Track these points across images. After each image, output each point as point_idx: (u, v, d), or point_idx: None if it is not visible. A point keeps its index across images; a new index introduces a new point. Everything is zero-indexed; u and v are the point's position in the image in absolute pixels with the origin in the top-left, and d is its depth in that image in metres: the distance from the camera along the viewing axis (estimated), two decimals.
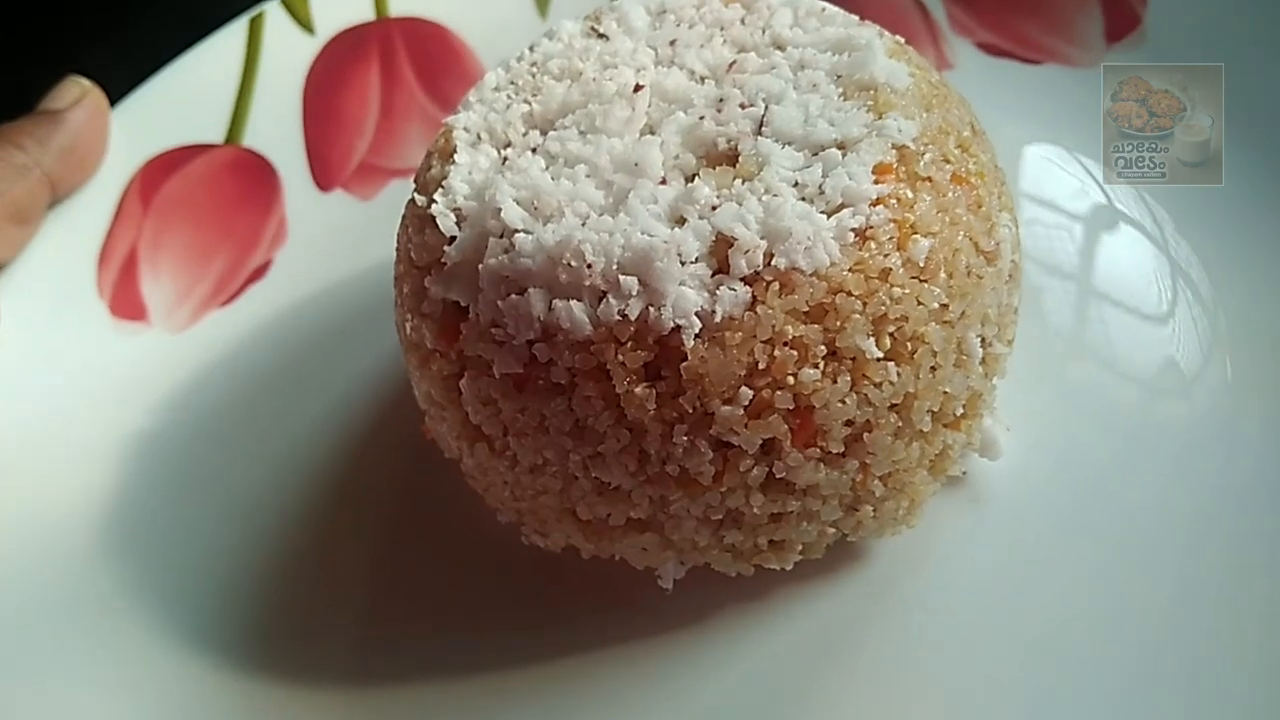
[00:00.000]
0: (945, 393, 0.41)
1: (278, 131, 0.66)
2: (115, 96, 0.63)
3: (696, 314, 0.38)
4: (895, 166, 0.40)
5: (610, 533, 0.43)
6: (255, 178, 0.65)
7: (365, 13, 0.70)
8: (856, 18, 0.48)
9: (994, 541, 0.47)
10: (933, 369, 0.40)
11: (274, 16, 0.68)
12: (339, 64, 0.69)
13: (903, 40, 0.48)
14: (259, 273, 0.62)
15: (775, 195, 0.39)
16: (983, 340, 0.42)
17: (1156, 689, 0.43)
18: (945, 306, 0.40)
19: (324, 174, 0.66)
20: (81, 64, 0.64)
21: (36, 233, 0.59)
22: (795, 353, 0.38)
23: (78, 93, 0.61)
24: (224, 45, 0.67)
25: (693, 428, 0.39)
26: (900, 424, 0.41)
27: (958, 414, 0.43)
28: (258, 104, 0.67)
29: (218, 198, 0.64)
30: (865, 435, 0.40)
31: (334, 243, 0.63)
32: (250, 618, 0.50)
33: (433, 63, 0.70)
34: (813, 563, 0.45)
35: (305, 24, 0.69)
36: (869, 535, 0.45)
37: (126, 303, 0.60)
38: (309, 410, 0.56)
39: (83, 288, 0.59)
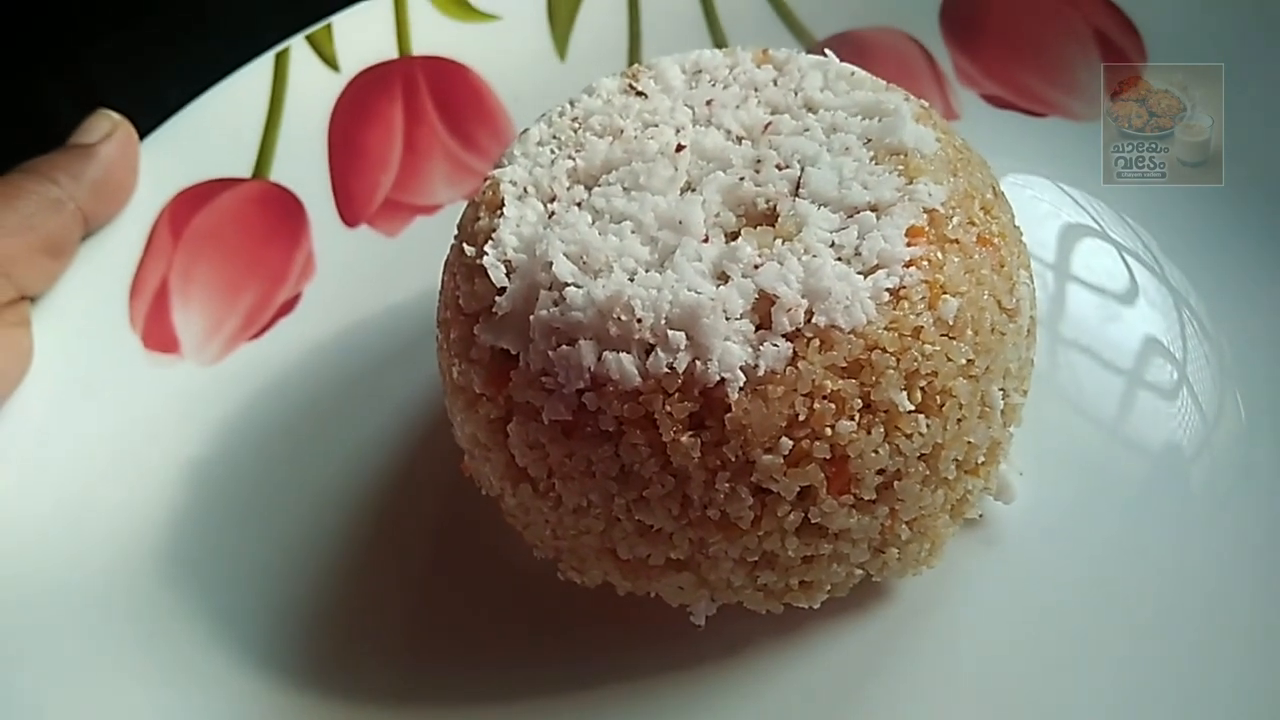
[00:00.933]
0: (970, 442, 0.44)
1: (304, 167, 0.68)
2: (141, 130, 0.65)
3: (741, 368, 0.41)
4: (926, 229, 0.43)
5: (649, 572, 0.46)
6: (282, 212, 0.67)
7: (389, 51, 0.72)
8: (884, 82, 0.50)
9: (1009, 580, 0.50)
10: (959, 420, 0.43)
11: (299, 53, 0.70)
12: (363, 101, 0.71)
13: (926, 104, 0.51)
14: (288, 306, 0.64)
15: (815, 256, 0.42)
16: (1004, 391, 0.45)
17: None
18: (971, 362, 0.43)
19: (349, 210, 0.68)
20: (100, 93, 0.66)
21: (69, 265, 0.60)
22: (833, 405, 0.41)
23: (108, 126, 0.63)
24: (250, 80, 0.69)
25: (734, 475, 0.42)
26: (928, 472, 0.44)
27: (979, 462, 0.46)
28: (284, 139, 0.69)
29: (246, 231, 0.66)
30: (895, 483, 0.43)
31: (362, 278, 0.65)
32: (289, 647, 0.52)
33: (454, 101, 0.72)
34: (838, 600, 0.48)
35: (330, 61, 0.71)
36: (892, 575, 0.48)
37: (159, 335, 0.62)
38: (344, 445, 0.58)
39: (115, 320, 0.61)
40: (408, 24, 0.73)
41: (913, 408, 0.42)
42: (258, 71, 0.69)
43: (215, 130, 0.67)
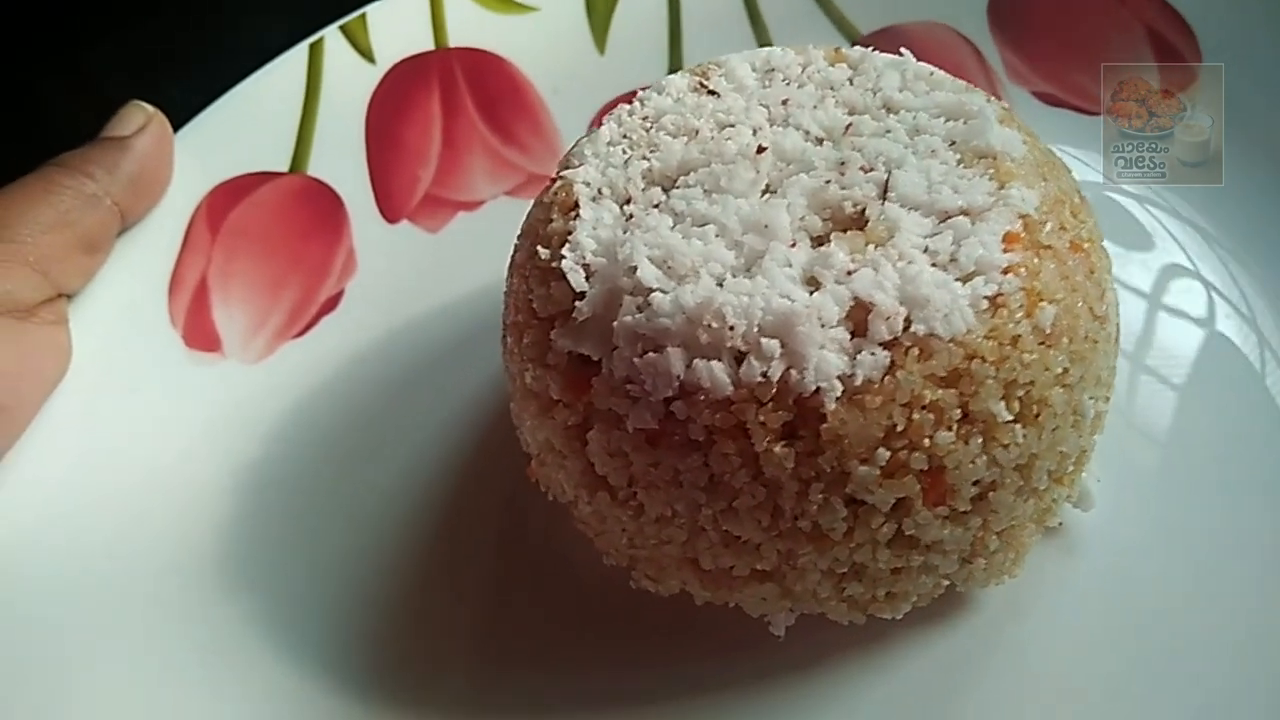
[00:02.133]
0: (1062, 452, 0.44)
1: (342, 160, 0.67)
2: (176, 123, 0.64)
3: (838, 378, 0.40)
4: (1022, 235, 0.43)
5: (731, 582, 0.45)
6: (322, 207, 0.66)
7: (425, 43, 0.71)
8: (963, 83, 0.50)
9: (1088, 588, 0.50)
10: (1054, 430, 0.43)
11: (333, 44, 0.69)
12: (400, 93, 0.70)
13: (1008, 106, 0.50)
14: (331, 304, 0.63)
15: (910, 262, 0.41)
16: (1093, 400, 0.45)
17: None
18: (1067, 371, 0.43)
19: (389, 205, 0.67)
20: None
21: (106, 262, 0.59)
22: (932, 416, 0.40)
23: (142, 119, 0.61)
24: (285, 72, 0.68)
25: (829, 486, 0.41)
26: (1022, 483, 0.43)
27: (1068, 471, 0.46)
28: (321, 132, 0.67)
29: (285, 226, 0.64)
30: (990, 494, 0.43)
31: (405, 276, 0.64)
32: (345, 657, 0.51)
33: (492, 94, 0.71)
34: (919, 610, 0.47)
35: (365, 53, 0.70)
36: (976, 585, 0.47)
37: (199, 333, 0.60)
38: (398, 447, 0.57)
39: (155, 317, 0.60)
40: (443, 15, 0.71)
41: (1010, 418, 0.41)
42: (292, 62, 0.68)
43: (250, 122, 0.66)
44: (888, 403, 0.40)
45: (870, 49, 0.51)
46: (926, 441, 0.40)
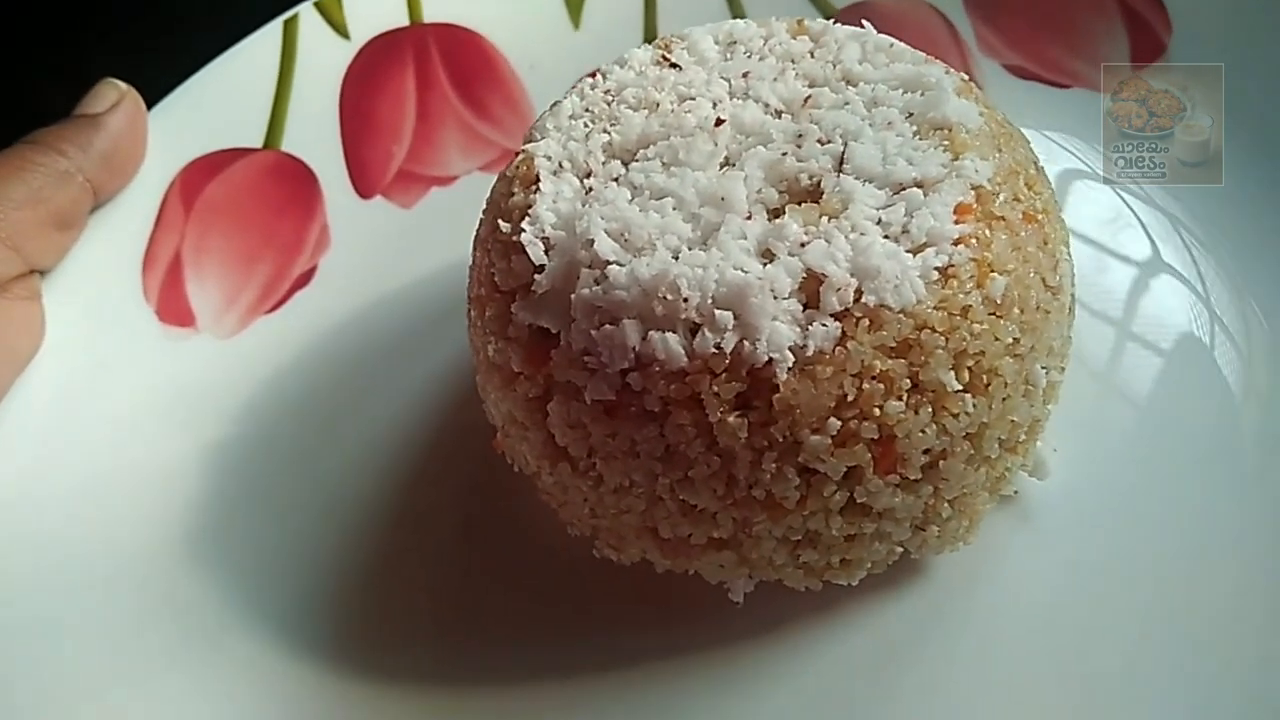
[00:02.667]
0: (1013, 421, 0.45)
1: (316, 137, 0.67)
2: (148, 99, 0.64)
3: (789, 348, 0.41)
4: (974, 206, 0.43)
5: (689, 550, 0.46)
6: (296, 183, 0.66)
7: (399, 18, 0.71)
8: (923, 55, 0.50)
9: (1042, 555, 0.51)
10: (1004, 399, 0.43)
11: (308, 20, 0.69)
12: (374, 69, 0.70)
13: (966, 77, 0.50)
14: (305, 279, 0.64)
15: (862, 234, 0.42)
16: (1045, 370, 0.45)
17: (1195, 696, 0.47)
18: (1018, 341, 0.43)
19: (364, 181, 0.67)
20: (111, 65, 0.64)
21: (79, 238, 0.59)
22: (882, 386, 0.41)
23: (115, 95, 0.61)
24: (259, 48, 0.68)
25: (781, 455, 0.42)
26: (972, 451, 0.44)
27: (1020, 440, 0.46)
28: (295, 108, 0.68)
29: (259, 202, 0.65)
30: (941, 462, 0.43)
31: (378, 251, 0.65)
32: (313, 626, 0.52)
33: (467, 69, 0.71)
34: (874, 577, 0.48)
35: (340, 28, 0.70)
36: (930, 552, 0.48)
37: (173, 308, 0.61)
38: (369, 420, 0.58)
39: (129, 293, 0.60)
40: None
41: (960, 387, 0.42)
42: (266, 39, 0.68)
43: (224, 99, 0.67)
44: (839, 373, 0.41)
45: (832, 21, 0.51)
46: (877, 411, 0.41)
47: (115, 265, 0.60)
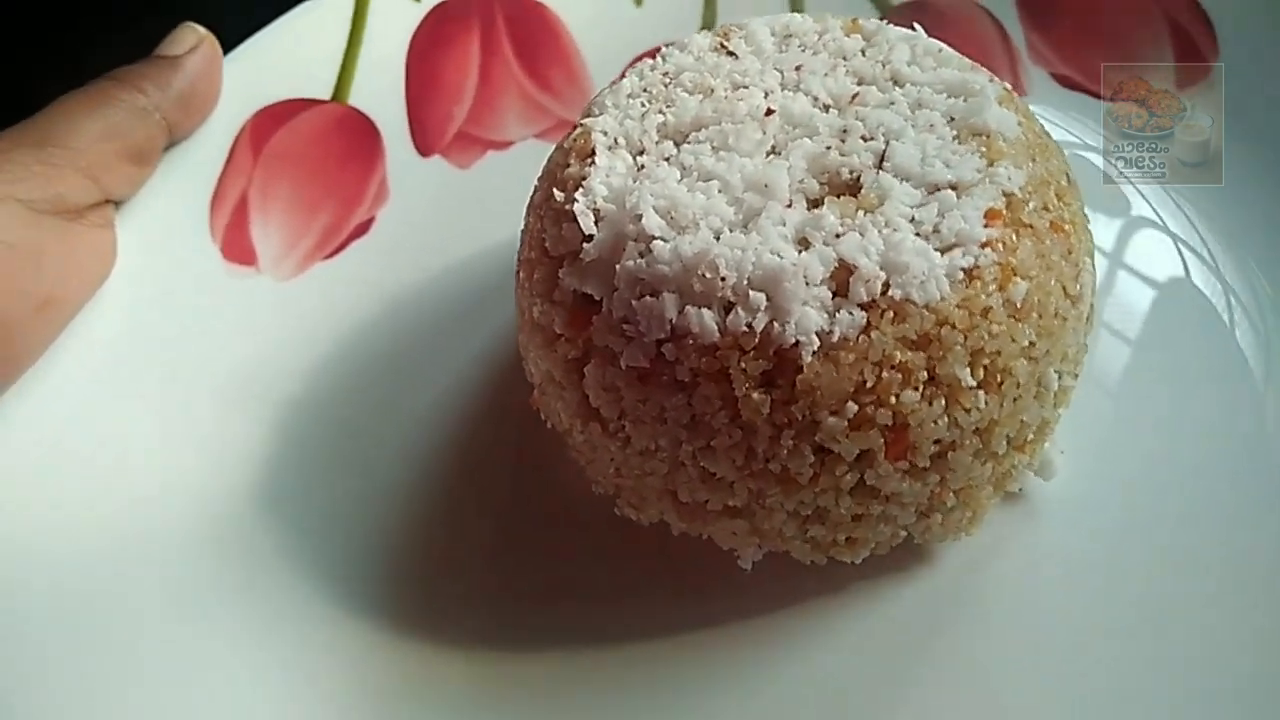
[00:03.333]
0: (1023, 421, 0.46)
1: (381, 93, 0.70)
2: (224, 46, 0.66)
3: (816, 333, 0.43)
4: (1003, 212, 0.45)
5: (705, 516, 0.48)
6: (359, 137, 0.68)
7: None
8: (969, 61, 0.52)
9: (1046, 551, 0.53)
10: (1016, 399, 0.45)
11: None
12: (442, 31, 0.72)
13: (1009, 87, 0.52)
14: (362, 229, 0.66)
15: (895, 230, 0.44)
16: (1059, 375, 0.47)
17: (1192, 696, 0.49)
18: (1033, 344, 0.45)
19: (424, 139, 0.70)
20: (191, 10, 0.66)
21: (153, 173, 0.62)
22: (900, 376, 0.43)
23: (194, 39, 0.64)
24: (333, 3, 0.70)
25: (799, 433, 0.44)
26: (980, 446, 0.46)
27: (1028, 439, 0.48)
28: (363, 64, 0.70)
29: (324, 152, 0.67)
30: (949, 454, 0.45)
31: (434, 208, 0.67)
32: (367, 564, 0.55)
33: (529, 38, 0.73)
34: (881, 560, 0.50)
35: None
36: (934, 539, 0.50)
37: (237, 247, 0.63)
38: (417, 368, 0.61)
39: (197, 229, 0.63)
40: None
41: (974, 384, 0.44)
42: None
43: (297, 51, 0.69)
44: (860, 360, 0.43)
45: (884, 21, 0.53)
46: (893, 399, 0.43)
47: (185, 202, 0.63)
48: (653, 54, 0.54)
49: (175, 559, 0.54)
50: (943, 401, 0.44)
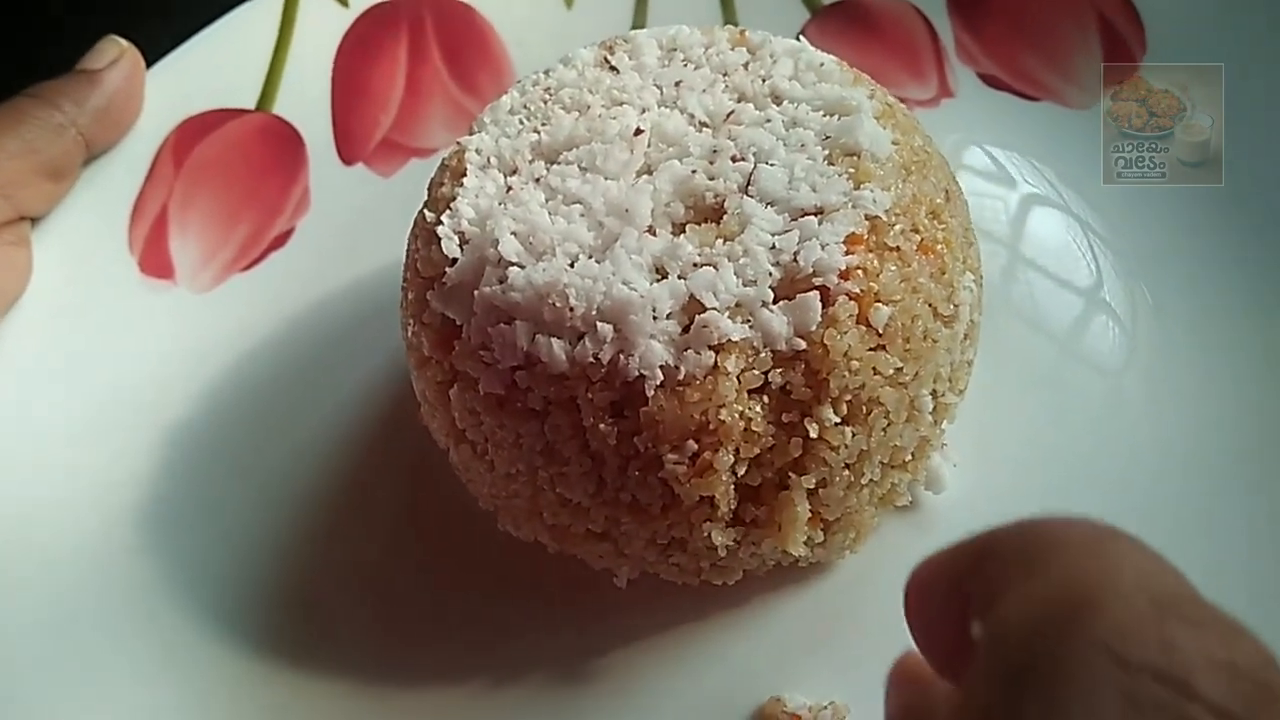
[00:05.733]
0: (896, 446, 0.44)
1: (307, 101, 0.67)
2: (151, 58, 0.65)
3: (661, 367, 0.41)
4: (866, 237, 0.42)
5: (571, 538, 0.46)
6: (283, 146, 0.66)
7: None
8: (853, 75, 0.49)
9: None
10: (886, 428, 0.43)
11: None
12: (369, 38, 0.70)
13: (894, 101, 0.49)
14: (281, 240, 0.64)
15: (751, 261, 0.41)
16: (934, 394, 0.45)
17: None
18: (900, 370, 0.42)
19: (348, 147, 0.68)
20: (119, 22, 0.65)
21: (70, 188, 0.61)
22: (746, 418, 0.41)
23: (115, 52, 0.62)
24: (259, 13, 0.68)
25: (645, 465, 0.42)
26: (852, 479, 0.43)
27: (906, 460, 0.46)
28: (290, 73, 0.68)
29: (247, 163, 0.65)
30: (821, 490, 0.43)
31: (354, 216, 0.65)
32: (257, 580, 0.53)
33: (458, 43, 0.71)
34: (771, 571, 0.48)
35: None
36: (815, 560, 0.48)
37: (155, 260, 0.62)
38: (321, 385, 0.58)
39: (114, 243, 0.61)
40: None
41: (838, 420, 0.41)
42: (267, 4, 0.68)
43: (223, 60, 0.67)
44: (704, 399, 0.40)
45: (768, 37, 0.50)
46: (742, 443, 0.41)
47: (104, 215, 0.61)
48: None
49: (58, 582, 0.52)
50: (800, 440, 0.41)
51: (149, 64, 0.64)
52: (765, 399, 0.41)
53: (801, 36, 0.69)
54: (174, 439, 0.57)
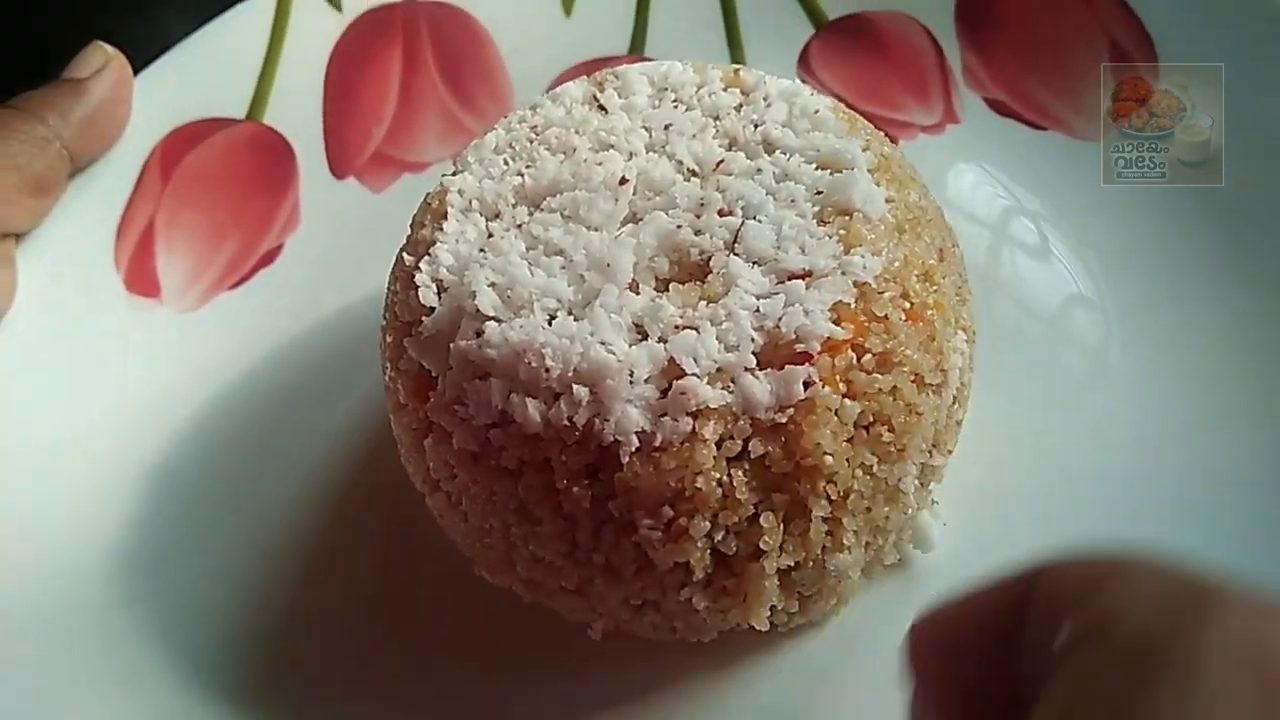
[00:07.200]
0: (877, 525, 0.43)
1: (298, 111, 0.65)
2: (139, 63, 0.63)
3: (637, 433, 0.39)
4: (854, 305, 0.40)
5: (546, 591, 0.45)
6: (273, 158, 0.65)
7: None
8: (847, 125, 0.46)
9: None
10: (866, 511, 0.41)
11: None
12: (363, 45, 0.68)
13: (890, 150, 0.47)
14: (270, 257, 0.62)
15: (734, 326, 0.40)
16: (918, 467, 0.43)
17: None
18: (878, 461, 0.41)
19: (339, 160, 0.66)
20: (106, 28, 0.63)
21: (56, 202, 0.59)
22: (720, 491, 0.39)
23: (101, 60, 0.60)
24: (250, 17, 0.66)
25: (619, 530, 0.40)
26: (826, 558, 0.42)
27: (888, 535, 0.44)
28: (280, 81, 0.66)
29: (236, 175, 0.64)
30: (794, 573, 0.42)
31: (344, 233, 0.63)
32: (245, 606, 0.52)
33: (454, 50, 0.68)
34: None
35: (333, 0, 0.68)
36: (793, 625, 0.46)
37: (141, 278, 0.60)
38: (311, 407, 0.57)
39: (100, 259, 0.60)
40: None
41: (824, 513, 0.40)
42: (259, 7, 0.66)
43: (212, 67, 0.65)
44: (680, 466, 0.39)
45: (763, 77, 0.48)
46: (721, 510, 0.40)
47: (90, 230, 0.60)
48: (586, 68, 0.50)
49: (33, 604, 0.51)
50: (772, 515, 0.40)
51: (135, 71, 0.62)
52: (746, 466, 0.39)
53: (806, 51, 0.67)
54: (155, 469, 0.56)
